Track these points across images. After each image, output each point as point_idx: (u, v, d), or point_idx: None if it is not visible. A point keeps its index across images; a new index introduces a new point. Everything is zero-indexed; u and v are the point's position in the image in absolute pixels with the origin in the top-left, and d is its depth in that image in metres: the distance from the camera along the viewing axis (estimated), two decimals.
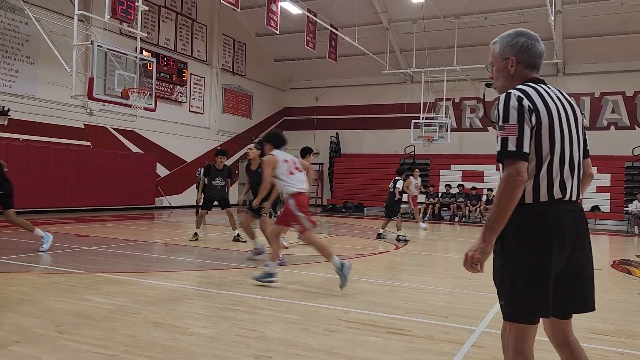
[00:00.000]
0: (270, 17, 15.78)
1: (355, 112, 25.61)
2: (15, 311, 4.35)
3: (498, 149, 2.07)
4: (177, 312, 4.52)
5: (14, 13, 14.31)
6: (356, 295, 5.45)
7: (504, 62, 2.31)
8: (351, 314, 4.64)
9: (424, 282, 6.38)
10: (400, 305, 5.06)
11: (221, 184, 10.26)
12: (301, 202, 5.94)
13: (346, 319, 4.45)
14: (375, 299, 5.31)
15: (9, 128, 14.19)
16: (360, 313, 4.68)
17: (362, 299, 5.32)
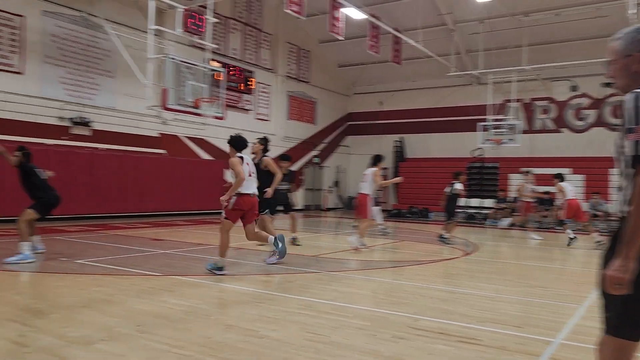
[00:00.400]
0: (334, 24, 15.91)
1: (420, 115, 25.25)
2: (100, 311, 4.64)
3: (631, 153, 1.95)
4: (248, 315, 4.64)
5: (96, 30, 15.30)
6: (425, 303, 5.36)
7: (627, 60, 2.18)
8: (421, 321, 4.57)
9: (495, 290, 6.17)
10: (471, 314, 4.92)
11: (286, 187, 10.43)
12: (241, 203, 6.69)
13: (415, 326, 4.39)
14: (445, 307, 5.21)
15: (92, 138, 15.17)
16: (430, 321, 4.60)
17: (432, 306, 5.23)
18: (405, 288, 6.17)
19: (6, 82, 13.37)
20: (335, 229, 14.15)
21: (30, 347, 3.60)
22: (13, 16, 13.50)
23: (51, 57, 14.36)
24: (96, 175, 14.90)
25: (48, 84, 14.28)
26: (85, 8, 14.90)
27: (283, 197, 10.39)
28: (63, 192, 14.22)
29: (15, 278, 6.14)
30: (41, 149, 13.70)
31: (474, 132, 21.53)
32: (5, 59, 13.38)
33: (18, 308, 4.67)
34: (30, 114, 13.78)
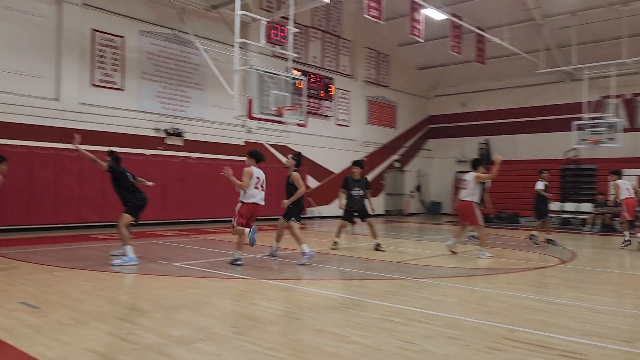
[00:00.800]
0: (414, 26, 15.72)
1: (507, 116, 24.23)
2: (197, 312, 4.89)
3: None
4: (337, 320, 4.68)
5: (186, 46, 16.21)
6: (521, 313, 5.13)
7: None
8: (517, 332, 4.38)
9: (599, 302, 5.76)
10: (572, 326, 4.64)
11: (360, 194, 10.40)
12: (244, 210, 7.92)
13: (511, 338, 4.21)
14: (543, 318, 4.94)
15: (184, 147, 16.05)
16: (527, 332, 4.39)
17: (528, 317, 4.98)
18: (498, 297, 5.93)
19: (109, 98, 14.51)
20: (419, 235, 13.91)
21: (137, 344, 3.87)
22: (115, 37, 14.64)
23: (147, 73, 15.39)
24: (188, 182, 15.75)
25: (145, 99, 15.31)
26: (177, 26, 15.84)
27: (358, 203, 10.36)
28: (159, 199, 15.16)
29: (121, 279, 6.62)
30: (140, 159, 14.70)
31: (566, 132, 20.31)
32: (109, 77, 14.53)
33: (125, 307, 5.03)
34: (129, 126, 14.84)
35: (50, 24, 13.44)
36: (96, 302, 5.23)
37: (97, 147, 13.93)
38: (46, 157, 12.95)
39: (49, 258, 8.23)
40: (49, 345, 3.79)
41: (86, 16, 14.04)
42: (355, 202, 10.36)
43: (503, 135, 24.26)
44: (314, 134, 20.07)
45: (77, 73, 13.85)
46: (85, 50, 14.03)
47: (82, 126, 13.83)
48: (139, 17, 15.19)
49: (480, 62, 18.83)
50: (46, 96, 13.37)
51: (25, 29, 13.03)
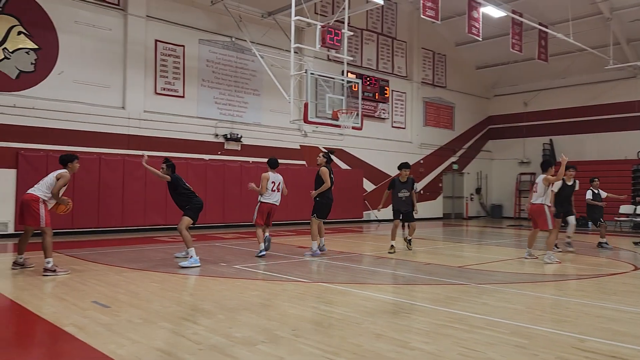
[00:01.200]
0: (472, 24, 15.35)
1: (572, 115, 23.18)
2: (259, 314, 4.97)
3: None
4: (397, 325, 4.63)
5: (244, 53, 16.60)
6: (592, 322, 4.88)
7: None
8: (588, 342, 4.17)
9: None
10: None
11: (406, 195, 10.46)
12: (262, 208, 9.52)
13: (582, 348, 4.01)
14: (616, 327, 4.68)
15: (242, 152, 16.43)
16: (599, 342, 4.17)
17: (600, 325, 4.73)
18: (566, 304, 5.67)
19: (171, 106, 15.08)
20: (479, 239, 13.53)
21: (202, 345, 3.98)
22: (176, 47, 15.20)
23: (206, 80, 15.88)
24: (245, 186, 16.06)
25: (204, 105, 15.80)
26: (234, 34, 16.25)
27: (404, 205, 10.45)
28: (218, 203, 15.58)
29: (185, 281, 6.85)
30: (200, 164, 15.18)
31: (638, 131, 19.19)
32: (171, 85, 15.10)
33: (190, 308, 5.20)
34: (190, 132, 15.34)
35: (116, 36, 14.15)
36: (163, 302, 5.44)
37: (160, 153, 14.51)
38: (114, 163, 13.61)
39: (118, 259, 8.64)
40: (120, 343, 3.97)
41: (149, 27, 14.66)
42: (402, 203, 10.50)
43: (568, 135, 23.23)
44: (370, 136, 19.99)
45: (142, 82, 14.49)
46: (148, 60, 14.66)
47: (146, 133, 14.45)
48: (199, 26, 15.70)
49: (543, 59, 18.13)
50: (113, 105, 14.07)
51: (94, 42, 13.78)
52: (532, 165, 24.39)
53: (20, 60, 12.62)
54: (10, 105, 12.37)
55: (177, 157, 14.82)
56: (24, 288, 6.18)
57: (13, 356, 3.83)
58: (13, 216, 12.10)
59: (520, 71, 23.59)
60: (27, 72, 12.74)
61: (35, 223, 7.08)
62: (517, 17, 16.66)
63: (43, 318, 4.75)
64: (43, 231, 7.07)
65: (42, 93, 12.87)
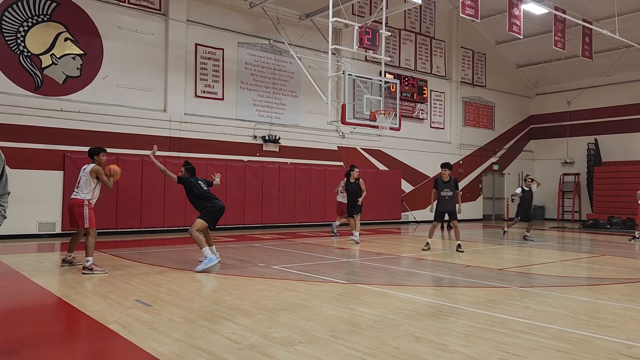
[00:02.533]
0: (513, 22, 15.02)
1: (619, 113, 22.33)
2: (297, 314, 5.01)
3: None
4: (436, 328, 4.58)
5: (281, 55, 16.76)
6: (638, 327, 4.69)
7: None
8: (635, 348, 4.01)
9: None
10: None
11: (449, 194, 10.51)
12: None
13: (630, 354, 3.87)
14: None
15: (280, 153, 16.58)
16: None
17: None
18: (611, 309, 5.48)
19: (211, 108, 15.37)
20: (520, 241, 13.21)
21: (241, 344, 4.05)
22: (215, 50, 15.49)
23: (245, 82, 16.10)
24: (283, 187, 16.23)
25: (243, 107, 16.03)
26: (272, 36, 16.42)
27: (447, 204, 10.57)
28: (257, 204, 15.76)
29: (224, 281, 6.97)
30: (239, 165, 15.41)
31: None
32: (210, 87, 15.39)
33: (229, 307, 5.29)
34: (229, 134, 15.59)
35: (158, 41, 14.53)
36: (202, 301, 5.55)
37: (200, 155, 14.81)
38: None
39: (160, 259, 8.87)
40: (161, 342, 4.08)
41: (189, 31, 14.99)
42: (445, 203, 10.61)
43: (615, 135, 22.40)
44: (408, 137, 19.82)
45: (182, 85, 14.83)
46: (189, 64, 14.98)
47: (186, 135, 14.77)
48: (237, 29, 15.94)
49: (588, 57, 17.55)
50: (155, 108, 14.45)
51: (137, 47, 14.19)
52: (577, 165, 23.65)
53: (67, 66, 13.13)
54: (58, 110, 12.88)
55: (216, 158, 15.10)
56: (70, 286, 6.43)
57: (60, 352, 4.00)
58: (60, 216, 12.60)
59: (563, 69, 22.91)
60: (73, 77, 13.24)
61: (82, 224, 7.41)
62: (560, 13, 16.19)
63: (88, 315, 4.93)
64: (87, 232, 7.39)
65: (87, 97, 13.36)
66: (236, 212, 15.04)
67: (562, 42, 16.49)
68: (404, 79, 19.73)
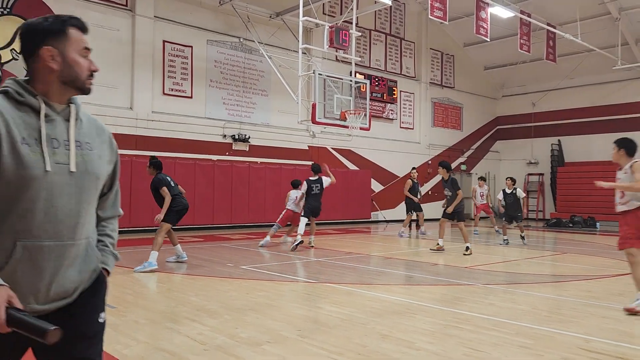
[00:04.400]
0: (480, 25, 15.31)
1: (581, 115, 23.03)
2: (264, 314, 5.00)
3: None
4: (402, 326, 4.63)
5: (252, 53, 16.66)
6: (597, 322, 4.85)
7: None
8: (593, 342, 4.15)
9: None
10: None
11: (449, 194, 10.69)
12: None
13: (587, 348, 3.99)
14: (621, 328, 4.66)
15: (250, 153, 16.47)
16: (605, 342, 4.15)
17: (605, 326, 4.71)
18: (571, 305, 5.65)
19: (179, 106, 15.15)
20: (487, 240, 13.48)
21: (207, 345, 4.01)
22: (184, 47, 15.28)
23: (214, 80, 15.94)
24: (253, 186, 16.13)
25: (212, 106, 15.86)
26: (242, 34, 16.30)
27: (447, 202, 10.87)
28: (225, 203, 15.60)
29: (192, 281, 6.88)
30: (208, 164, 15.24)
31: None
32: (179, 85, 15.18)
33: (195, 308, 5.23)
34: (198, 133, 15.41)
35: (125, 37, 14.24)
36: (168, 302, 5.48)
37: (168, 154, 14.59)
38: (122, 164, 13.65)
39: (126, 260, 8.69)
40: (125, 344, 4.01)
41: (157, 28, 14.75)
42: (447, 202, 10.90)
43: (577, 136, 23.09)
44: (378, 137, 19.97)
45: (150, 83, 14.57)
46: (156, 61, 14.73)
47: (154, 133, 14.52)
48: (206, 27, 15.76)
49: (552, 60, 18.03)
50: (121, 106, 14.16)
51: (101, 43, 13.85)
52: (540, 166, 24.26)
53: None
54: None
55: (184, 157, 14.90)
56: None
57: None
58: None
59: (528, 72, 23.47)
60: None
61: None
62: (526, 17, 16.58)
63: None
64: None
65: None
66: (205, 212, 14.87)
67: (527, 45, 16.89)
68: (374, 79, 19.88)
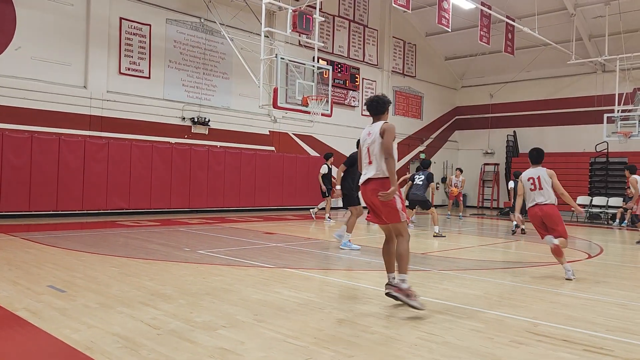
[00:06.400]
0: (442, 15, 15.46)
1: (536, 107, 23.75)
2: (221, 299, 4.94)
3: None
4: (359, 310, 4.68)
5: (212, 35, 16.30)
6: (546, 307, 5.04)
7: None
8: (541, 326, 4.30)
9: (627, 297, 5.63)
10: (597, 321, 4.54)
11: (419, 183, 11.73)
12: None
13: (535, 332, 4.14)
14: (568, 312, 4.85)
15: (209, 136, 16.19)
16: (551, 326, 4.31)
17: (553, 311, 4.89)
18: (522, 290, 5.84)
19: (136, 87, 14.70)
20: (443, 227, 13.77)
21: (161, 330, 3.93)
22: (142, 25, 14.79)
23: (173, 61, 15.53)
24: (212, 171, 15.89)
25: (171, 87, 15.47)
26: (203, 14, 15.92)
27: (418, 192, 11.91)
28: (183, 188, 15.33)
29: (147, 266, 6.73)
30: (166, 147, 14.90)
31: (598, 125, 19.82)
32: (136, 65, 14.71)
33: (150, 293, 5.11)
34: (156, 114, 15.02)
35: (78, 13, 13.66)
36: (122, 287, 5.34)
37: (124, 135, 14.17)
38: (74, 144, 13.21)
39: (77, 243, 8.43)
40: (75, 328, 3.88)
41: (114, 4, 14.21)
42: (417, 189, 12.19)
43: (531, 128, 23.82)
44: (340, 124, 20.00)
45: (105, 61, 14.07)
46: (112, 39, 14.22)
47: (109, 114, 14.08)
48: (166, 5, 15.30)
49: (510, 52, 18.44)
50: (74, 84, 13.63)
51: (54, 17, 13.26)
52: (497, 156, 24.92)
53: None
54: None
55: (141, 139, 14.51)
56: None
57: None
58: None
59: (487, 63, 23.96)
60: None
61: None
62: (486, 9, 16.87)
63: None
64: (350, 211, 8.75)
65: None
66: (162, 196, 14.57)
67: (487, 37, 17.21)
68: (337, 66, 19.85)
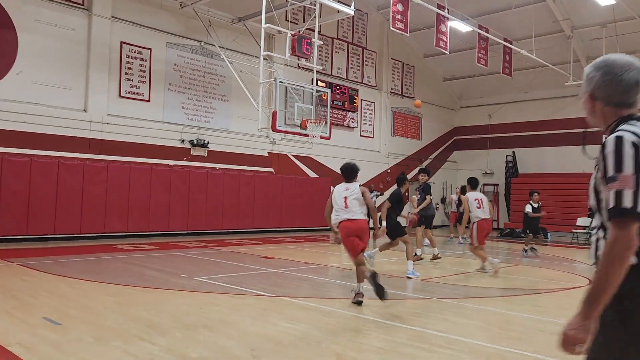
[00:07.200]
0: (440, 38, 15.61)
1: (534, 128, 23.82)
2: (217, 332, 4.86)
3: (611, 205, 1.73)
4: (357, 344, 4.61)
5: (212, 58, 16.42)
6: (546, 339, 4.95)
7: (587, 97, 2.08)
8: None
9: None
10: None
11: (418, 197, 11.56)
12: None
13: None
14: None
15: (208, 158, 16.19)
16: None
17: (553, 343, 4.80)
18: (521, 321, 5.77)
19: (136, 110, 14.75)
20: (443, 250, 13.68)
21: None
22: (142, 49, 14.91)
23: (173, 84, 15.61)
24: (211, 193, 15.85)
25: (170, 110, 15.52)
26: (203, 38, 16.06)
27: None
28: (182, 210, 15.26)
29: (143, 294, 6.65)
30: (165, 170, 14.88)
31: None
32: (136, 88, 14.78)
33: (145, 325, 5.04)
34: (155, 137, 15.04)
35: (80, 37, 13.77)
36: (117, 318, 5.26)
37: (123, 158, 14.18)
38: (73, 167, 13.20)
39: (73, 270, 8.35)
40: None
41: (115, 29, 14.34)
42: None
43: (530, 148, 23.86)
44: (339, 145, 20.04)
45: (105, 85, 14.13)
46: (113, 62, 14.32)
47: (109, 137, 14.10)
48: (166, 29, 15.44)
49: (507, 74, 18.58)
50: (75, 107, 13.67)
51: (56, 42, 13.37)
52: (496, 176, 24.93)
53: None
54: None
55: (140, 162, 14.51)
56: None
57: None
58: None
59: (485, 84, 24.12)
60: None
61: None
62: (483, 32, 17.03)
63: None
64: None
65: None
66: (160, 218, 14.50)
67: (485, 59, 17.34)
68: (336, 88, 19.96)
